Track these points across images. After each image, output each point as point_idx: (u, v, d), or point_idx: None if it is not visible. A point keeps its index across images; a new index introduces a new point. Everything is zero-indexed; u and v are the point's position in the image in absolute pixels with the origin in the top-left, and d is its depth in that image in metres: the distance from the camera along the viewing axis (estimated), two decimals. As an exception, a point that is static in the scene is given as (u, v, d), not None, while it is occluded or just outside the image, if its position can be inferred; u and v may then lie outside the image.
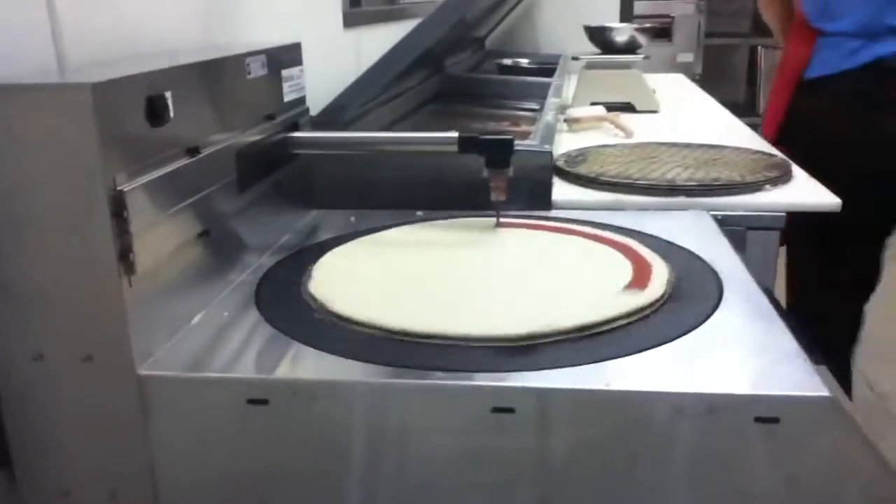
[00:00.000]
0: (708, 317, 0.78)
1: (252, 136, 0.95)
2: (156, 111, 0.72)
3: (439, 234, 1.05)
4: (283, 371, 0.73)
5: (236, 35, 1.19)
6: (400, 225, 1.10)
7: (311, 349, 0.75)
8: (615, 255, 0.94)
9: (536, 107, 1.99)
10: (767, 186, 1.28)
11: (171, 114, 0.75)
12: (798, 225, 1.21)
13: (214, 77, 0.87)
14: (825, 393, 0.64)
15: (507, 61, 2.60)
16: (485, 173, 1.03)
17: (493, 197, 1.05)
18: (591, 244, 0.99)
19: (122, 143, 0.69)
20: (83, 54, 0.83)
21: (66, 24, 0.82)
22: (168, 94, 0.74)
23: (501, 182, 1.04)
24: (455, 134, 1.03)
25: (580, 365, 0.69)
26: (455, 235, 1.05)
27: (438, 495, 0.70)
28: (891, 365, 2.45)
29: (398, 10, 2.26)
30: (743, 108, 5.54)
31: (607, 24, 2.18)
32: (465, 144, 1.02)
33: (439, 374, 0.69)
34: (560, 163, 1.42)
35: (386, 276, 0.90)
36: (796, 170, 1.38)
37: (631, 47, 2.16)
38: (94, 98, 0.64)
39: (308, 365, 0.74)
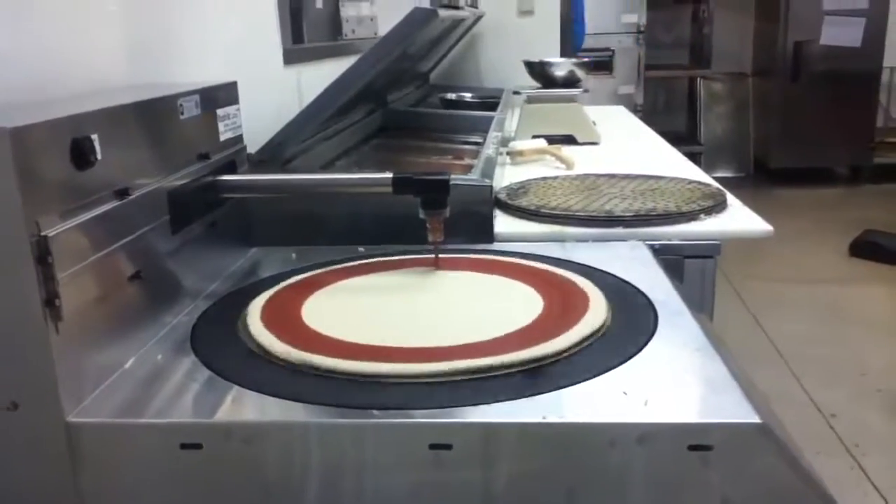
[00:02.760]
0: (643, 347, 0.79)
1: (185, 177, 0.94)
2: (81, 154, 0.71)
3: (379, 278, 1.03)
4: (218, 414, 0.71)
5: (172, 72, 1.19)
6: (342, 262, 1.10)
7: (248, 391, 0.74)
8: (553, 289, 0.95)
9: (480, 140, 2.01)
10: (702, 216, 1.31)
11: (98, 156, 0.74)
12: None
13: (145, 118, 0.86)
14: (756, 420, 0.66)
15: (451, 95, 2.63)
16: (421, 214, 1.01)
17: (430, 238, 1.02)
18: (529, 279, 1.00)
19: (46, 188, 0.67)
20: (7, 91, 0.82)
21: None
22: (95, 137, 0.73)
23: (438, 223, 1.01)
24: (389, 175, 1.00)
25: (516, 399, 0.69)
26: (394, 279, 1.03)
27: (379, 535, 0.69)
28: None
29: (341, 47, 2.27)
30: (684, 138, 5.69)
31: (546, 60, 2.22)
32: (400, 185, 1.00)
33: (376, 412, 0.68)
34: (502, 196, 1.44)
35: (323, 316, 0.89)
36: (731, 198, 1.42)
37: (571, 81, 2.20)
38: (13, 143, 0.63)
39: (244, 407, 0.73)
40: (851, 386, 2.63)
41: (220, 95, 1.07)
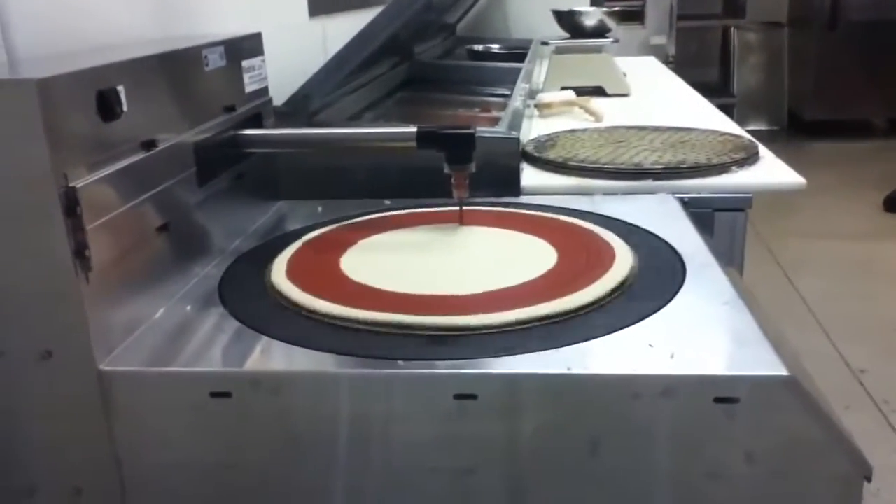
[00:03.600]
0: (670, 300, 0.79)
1: (211, 129, 0.94)
2: (107, 106, 0.71)
3: (403, 234, 1.02)
4: (246, 363, 0.72)
5: (195, 26, 1.18)
6: (368, 214, 1.10)
7: (275, 341, 0.75)
8: (578, 243, 0.94)
9: (507, 92, 1.99)
10: (734, 168, 1.28)
11: (125, 108, 0.74)
12: None
13: (170, 70, 0.86)
14: (784, 372, 0.65)
15: (478, 47, 2.59)
16: (446, 169, 0.98)
17: (455, 195, 1.00)
18: (554, 233, 0.99)
19: (73, 139, 0.68)
20: (34, 46, 0.82)
21: (15, 14, 0.81)
22: (120, 89, 0.73)
23: (463, 179, 0.99)
24: (413, 129, 0.98)
25: (542, 350, 0.69)
26: (418, 235, 1.01)
27: (405, 483, 0.70)
28: None
29: (366, -2, 2.24)
30: (716, 89, 5.57)
31: (576, 9, 2.18)
32: (425, 139, 0.97)
33: (401, 363, 0.69)
34: (529, 148, 1.42)
35: (349, 268, 0.89)
36: (763, 150, 1.39)
37: (600, 31, 2.16)
38: (40, 94, 0.63)
39: (271, 357, 0.74)
40: (882, 342, 2.60)
41: (245, 47, 1.06)
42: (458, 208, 1.03)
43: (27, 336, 0.70)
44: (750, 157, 1.33)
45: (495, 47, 2.64)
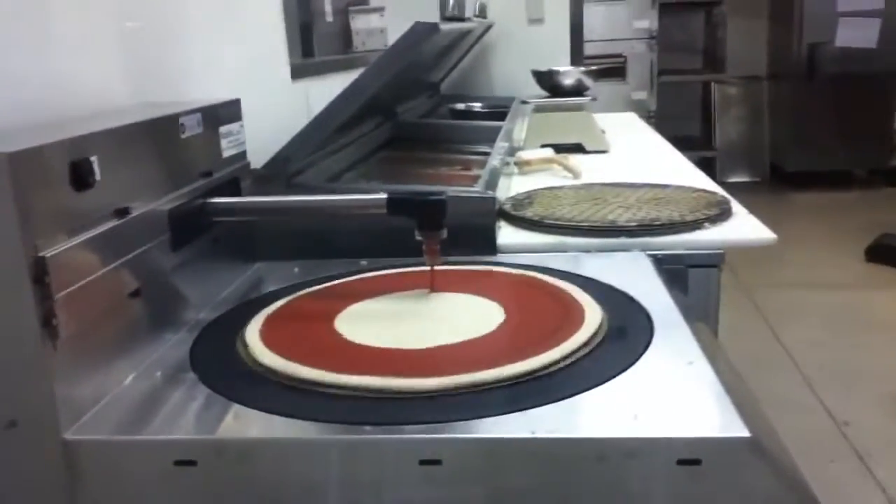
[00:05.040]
0: (637, 359, 0.79)
1: (187, 195, 0.96)
2: (80, 176, 0.72)
3: (375, 303, 1.00)
4: (213, 430, 0.72)
5: (180, 90, 1.20)
6: (343, 277, 1.11)
7: (243, 407, 0.75)
8: (549, 301, 0.95)
9: (489, 150, 2.02)
10: (706, 224, 1.30)
11: (98, 177, 0.75)
12: None
13: (146, 137, 0.88)
14: (745, 434, 0.66)
15: (461, 106, 2.64)
16: (417, 235, 0.97)
17: (427, 262, 0.99)
18: (526, 293, 1.00)
19: (44, 210, 0.69)
20: (10, 112, 0.84)
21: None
22: (94, 159, 0.75)
23: (434, 245, 0.97)
24: (384, 196, 0.97)
25: (506, 413, 0.70)
26: (390, 304, 0.99)
27: (372, 550, 0.69)
28: None
29: (351, 60, 2.29)
30: (698, 143, 5.67)
31: (554, 69, 2.23)
32: (395, 207, 0.97)
33: (367, 428, 0.69)
34: (507, 206, 1.45)
35: (322, 333, 0.90)
36: (736, 206, 1.41)
37: (579, 89, 2.21)
38: (11, 168, 0.64)
39: (238, 424, 0.74)
40: (865, 393, 2.60)
41: (223, 113, 1.08)
42: (429, 271, 1.03)
43: (-7, 405, 0.70)
44: (722, 214, 1.35)
45: (477, 106, 2.68)
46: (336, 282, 1.08)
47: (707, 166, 1.82)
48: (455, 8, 1.58)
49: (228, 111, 1.11)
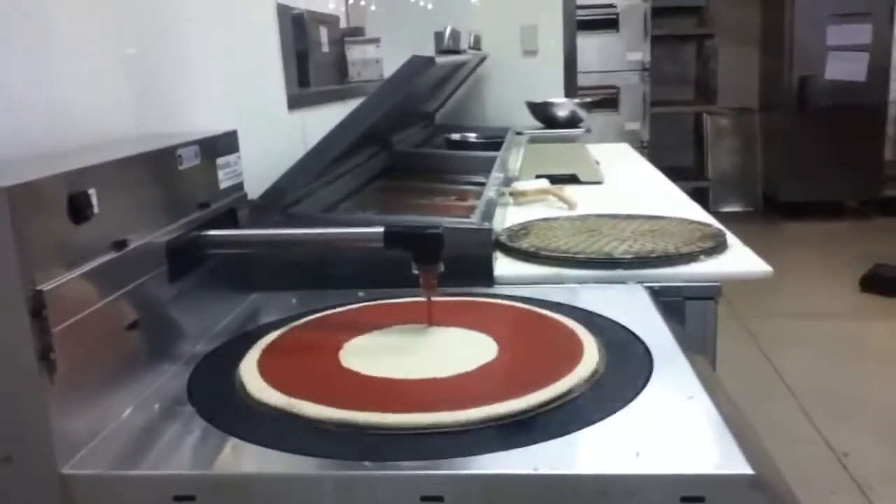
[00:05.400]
0: (636, 395, 0.79)
1: (184, 226, 0.95)
2: (78, 209, 0.72)
3: (372, 337, 0.98)
4: (211, 465, 0.72)
5: (177, 120, 1.21)
6: (340, 307, 1.10)
7: (242, 442, 0.74)
8: (547, 335, 0.95)
9: (483, 180, 2.03)
10: (702, 257, 1.31)
11: (96, 210, 0.75)
12: None
13: (143, 169, 0.88)
14: (748, 471, 0.65)
15: (456, 136, 2.65)
16: (414, 269, 0.97)
17: (424, 295, 0.98)
18: (523, 326, 1.00)
19: (42, 243, 0.69)
20: (16, 142, 0.84)
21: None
22: (92, 191, 0.75)
23: (431, 278, 0.96)
24: (380, 230, 0.96)
25: (507, 450, 0.69)
26: (388, 338, 0.98)
27: (371, 588, 0.68)
28: None
29: (347, 90, 2.30)
30: (691, 173, 5.71)
31: (549, 100, 2.25)
32: (392, 240, 0.96)
33: (367, 464, 0.68)
34: (503, 238, 1.45)
35: (319, 366, 0.89)
36: (731, 238, 1.42)
37: (573, 121, 2.23)
38: (10, 202, 0.64)
39: (237, 458, 0.73)
40: (863, 423, 2.60)
41: (220, 144, 1.09)
42: (426, 303, 1.02)
43: (-13, 440, 0.69)
44: (718, 246, 1.36)
45: (472, 136, 2.70)
46: (333, 311, 1.08)
47: (700, 196, 1.83)
48: (451, 41, 1.60)
49: (226, 142, 1.11)
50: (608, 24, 4.92)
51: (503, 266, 1.32)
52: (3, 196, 0.64)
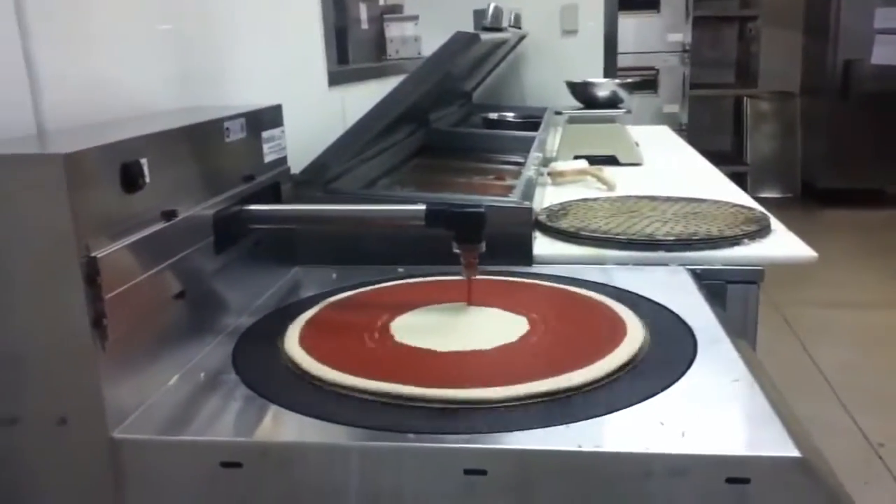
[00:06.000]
0: (681, 376, 0.79)
1: (230, 199, 0.96)
2: (130, 178, 0.73)
3: (417, 312, 0.99)
4: (257, 433, 0.73)
5: (220, 95, 1.22)
6: (382, 282, 1.11)
7: (287, 411, 0.75)
8: (590, 315, 0.95)
9: (521, 160, 2.02)
10: (745, 240, 1.29)
11: (147, 180, 0.76)
12: None
13: (192, 141, 0.89)
14: (796, 453, 0.65)
15: (493, 115, 2.64)
16: (455, 248, 0.95)
17: (465, 274, 0.97)
18: (566, 305, 1.00)
19: (96, 211, 0.70)
20: (62, 116, 0.85)
21: (45, 85, 0.84)
22: (144, 161, 0.75)
23: (472, 258, 0.95)
24: (422, 207, 0.95)
25: (551, 426, 0.69)
26: (431, 313, 0.98)
27: (412, 559, 0.69)
28: None
29: (384, 67, 2.30)
30: (730, 157, 5.63)
31: (589, 80, 2.22)
32: (433, 219, 0.94)
33: (411, 436, 0.69)
34: (542, 217, 1.44)
35: (362, 338, 0.90)
36: (775, 223, 1.40)
37: (613, 101, 2.20)
38: (67, 168, 0.65)
39: (282, 427, 0.74)
40: (900, 414, 2.56)
41: (265, 118, 1.09)
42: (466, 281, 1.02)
43: (43, 403, 0.71)
44: (761, 230, 1.34)
45: (510, 115, 2.68)
46: (374, 287, 1.08)
47: (738, 181, 1.81)
48: (493, 18, 1.58)
49: (270, 116, 1.12)
50: (649, 4, 4.84)
51: (542, 246, 1.31)
52: (60, 163, 0.65)
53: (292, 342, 0.88)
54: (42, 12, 0.84)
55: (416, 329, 0.93)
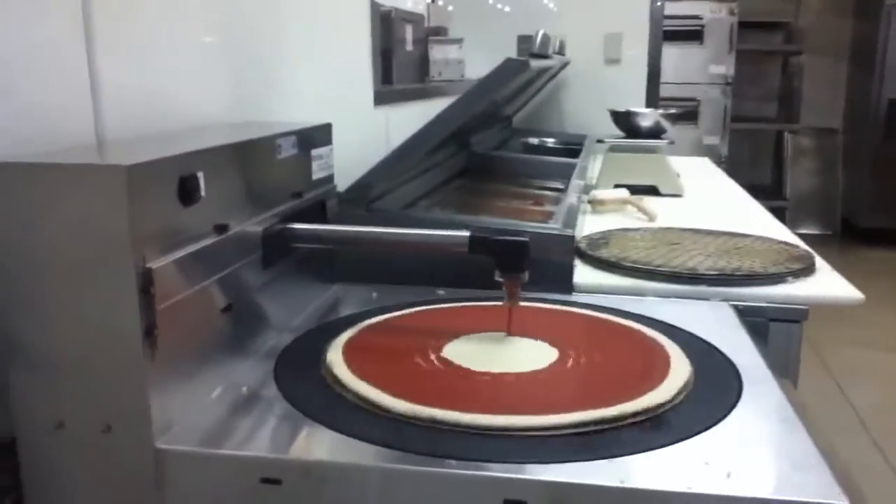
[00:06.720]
0: (726, 415, 0.77)
1: (279, 215, 0.97)
2: (187, 191, 0.74)
3: (459, 341, 0.97)
4: (297, 451, 0.73)
5: (270, 111, 1.23)
6: (422, 304, 1.11)
7: (327, 429, 0.75)
8: (634, 347, 0.94)
9: (560, 186, 2.02)
10: (790, 278, 1.27)
11: (203, 193, 0.77)
12: None
13: (246, 157, 0.90)
14: (844, 501, 0.63)
15: (533, 140, 2.64)
16: (497, 276, 0.95)
17: (507, 303, 0.96)
18: (609, 336, 0.99)
19: (153, 222, 0.71)
20: (120, 126, 0.87)
21: (106, 97, 0.86)
22: (200, 175, 0.77)
23: (515, 287, 0.94)
24: (466, 234, 0.95)
25: (594, 460, 0.68)
26: (471, 341, 0.97)
27: (447, 586, 0.69)
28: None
29: (428, 89, 2.31)
30: (769, 192, 5.56)
31: (633, 109, 2.22)
32: (477, 246, 0.94)
33: (452, 462, 0.68)
34: (582, 245, 1.44)
35: (403, 360, 0.90)
36: (819, 262, 1.38)
37: (656, 132, 2.19)
38: (129, 179, 0.66)
39: (322, 446, 0.74)
40: (938, 461, 2.49)
41: (316, 136, 1.11)
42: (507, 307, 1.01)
43: (89, 409, 0.72)
44: (806, 268, 1.32)
45: (550, 141, 2.69)
46: (416, 309, 1.09)
47: (777, 216, 1.79)
48: (541, 45, 1.59)
49: (321, 134, 1.13)
50: (693, 35, 4.83)
51: (582, 274, 1.31)
52: (122, 174, 0.66)
53: (336, 360, 0.88)
54: (108, 22, 0.86)
55: (458, 354, 0.93)
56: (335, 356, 0.89)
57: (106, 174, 0.68)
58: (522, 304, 1.01)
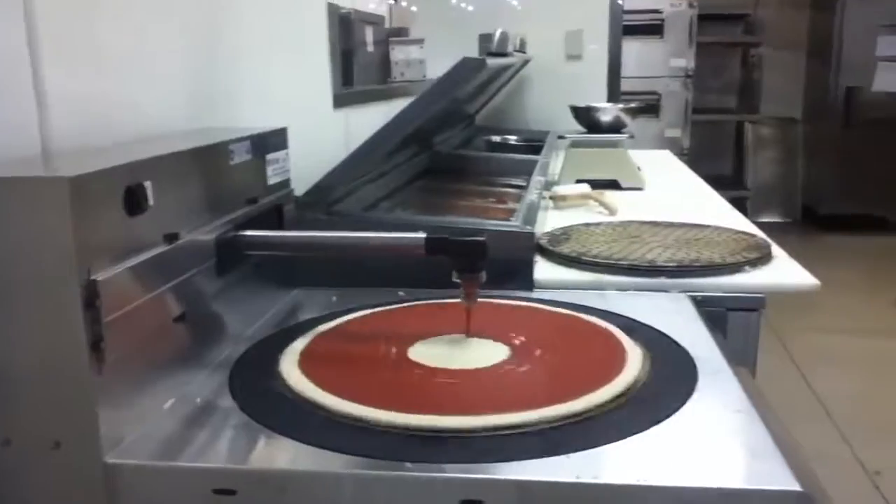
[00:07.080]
0: (681, 406, 0.78)
1: (233, 221, 0.96)
2: (134, 201, 0.73)
3: (419, 345, 0.96)
4: (253, 460, 0.72)
5: (227, 116, 1.22)
6: (381, 306, 1.11)
7: (283, 438, 0.74)
8: (590, 342, 0.95)
9: (523, 183, 2.02)
10: (747, 267, 1.29)
11: (151, 203, 0.76)
12: None
13: (197, 164, 0.89)
14: (796, 488, 0.64)
15: (496, 138, 2.64)
16: (455, 277, 0.94)
17: (463, 302, 0.95)
18: (565, 331, 0.99)
19: (99, 234, 0.70)
20: (69, 137, 0.85)
21: (54, 108, 0.84)
22: (148, 184, 0.76)
23: (472, 287, 0.94)
24: (422, 236, 0.94)
25: (549, 456, 0.69)
26: (430, 344, 0.96)
27: (408, 590, 0.68)
28: None
29: (389, 90, 2.31)
30: (730, 182, 5.63)
31: (593, 105, 2.23)
32: (433, 247, 0.93)
33: (408, 465, 0.68)
34: (543, 241, 1.44)
35: (359, 364, 0.89)
36: (777, 250, 1.40)
37: (616, 126, 2.20)
38: (72, 191, 0.65)
39: (278, 454, 0.74)
40: (898, 442, 2.54)
41: (271, 141, 1.10)
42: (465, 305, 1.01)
43: (37, 425, 0.70)
44: (763, 257, 1.34)
45: (512, 139, 2.69)
46: (372, 311, 1.08)
47: (738, 206, 1.81)
48: (500, 43, 1.59)
49: (276, 139, 1.12)
50: (653, 29, 4.87)
51: (543, 270, 1.31)
52: (65, 186, 0.65)
53: (290, 366, 0.87)
54: (52, 32, 0.84)
55: (416, 356, 0.92)
56: (289, 364, 0.88)
57: (49, 187, 0.66)
58: (480, 300, 1.01)
